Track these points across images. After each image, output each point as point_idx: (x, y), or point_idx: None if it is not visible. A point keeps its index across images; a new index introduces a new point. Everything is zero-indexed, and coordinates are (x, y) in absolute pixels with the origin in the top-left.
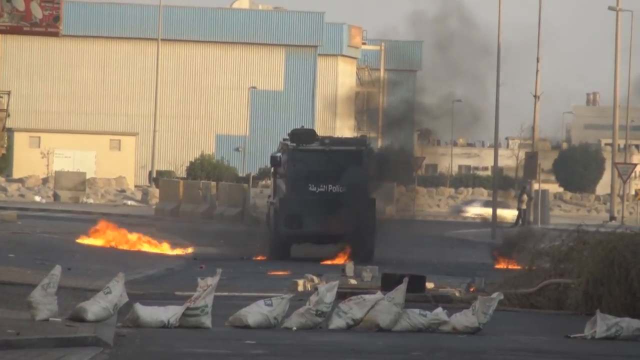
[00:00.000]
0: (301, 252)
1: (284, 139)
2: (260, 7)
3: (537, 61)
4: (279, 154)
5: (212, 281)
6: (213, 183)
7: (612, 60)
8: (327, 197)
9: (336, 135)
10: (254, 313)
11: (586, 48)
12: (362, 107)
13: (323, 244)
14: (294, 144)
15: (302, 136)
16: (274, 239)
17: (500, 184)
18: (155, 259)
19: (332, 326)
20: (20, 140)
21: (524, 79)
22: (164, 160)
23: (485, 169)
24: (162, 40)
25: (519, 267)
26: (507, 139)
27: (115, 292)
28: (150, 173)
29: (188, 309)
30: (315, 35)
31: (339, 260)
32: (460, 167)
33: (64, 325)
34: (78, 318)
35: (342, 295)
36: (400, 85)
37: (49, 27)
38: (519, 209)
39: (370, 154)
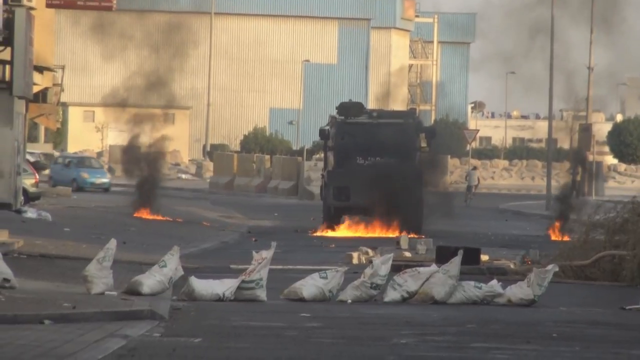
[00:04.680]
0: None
1: (335, 113)
2: None
3: (591, 32)
4: (327, 127)
5: (267, 254)
6: (267, 156)
7: None
8: (374, 169)
9: (389, 109)
10: (309, 286)
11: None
12: (416, 79)
13: (371, 215)
14: (342, 117)
15: (350, 109)
16: (325, 210)
17: (554, 156)
18: (210, 232)
19: (387, 299)
20: (75, 115)
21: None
22: (217, 133)
23: (540, 141)
24: (216, 14)
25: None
26: (561, 110)
27: (171, 265)
28: (204, 146)
29: (243, 282)
30: (368, 8)
31: (387, 233)
32: (514, 139)
33: (120, 299)
34: (133, 292)
35: (396, 268)
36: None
37: (103, 2)
38: (573, 181)
39: (419, 127)
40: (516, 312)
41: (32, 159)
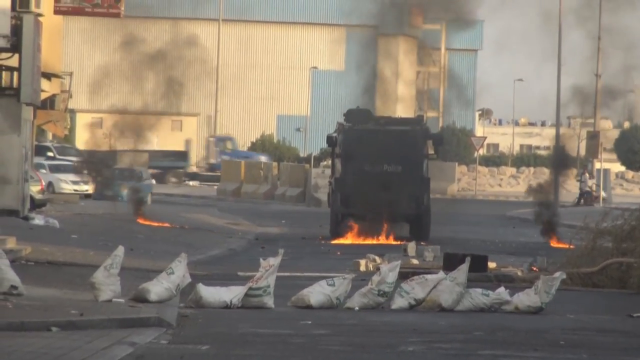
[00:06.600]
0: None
1: (342, 120)
2: None
3: (599, 39)
4: (334, 134)
5: (274, 261)
6: (274, 163)
7: None
8: (382, 176)
9: (397, 116)
10: (317, 293)
11: None
12: (423, 86)
13: (378, 222)
14: (350, 124)
15: (358, 116)
16: (332, 217)
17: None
18: (217, 239)
19: (394, 306)
20: (83, 122)
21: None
22: None
23: (547, 148)
24: (223, 20)
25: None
26: (568, 118)
27: (178, 272)
28: None
29: (250, 289)
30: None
31: (394, 240)
32: (521, 146)
33: (127, 306)
34: (141, 299)
35: (404, 275)
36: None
37: (111, 8)
38: (581, 188)
39: (426, 134)
40: (523, 320)
41: None
